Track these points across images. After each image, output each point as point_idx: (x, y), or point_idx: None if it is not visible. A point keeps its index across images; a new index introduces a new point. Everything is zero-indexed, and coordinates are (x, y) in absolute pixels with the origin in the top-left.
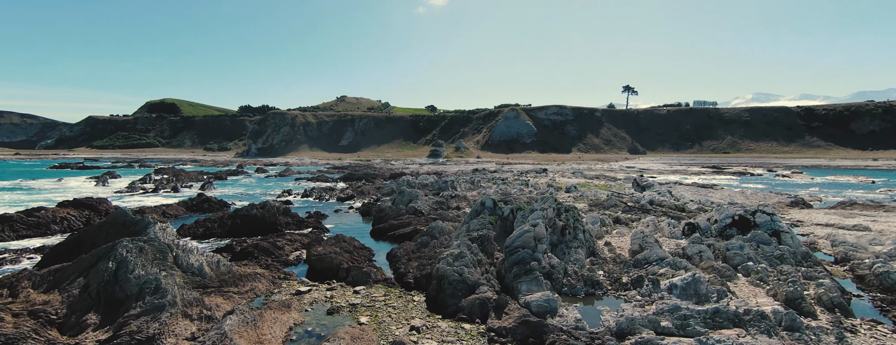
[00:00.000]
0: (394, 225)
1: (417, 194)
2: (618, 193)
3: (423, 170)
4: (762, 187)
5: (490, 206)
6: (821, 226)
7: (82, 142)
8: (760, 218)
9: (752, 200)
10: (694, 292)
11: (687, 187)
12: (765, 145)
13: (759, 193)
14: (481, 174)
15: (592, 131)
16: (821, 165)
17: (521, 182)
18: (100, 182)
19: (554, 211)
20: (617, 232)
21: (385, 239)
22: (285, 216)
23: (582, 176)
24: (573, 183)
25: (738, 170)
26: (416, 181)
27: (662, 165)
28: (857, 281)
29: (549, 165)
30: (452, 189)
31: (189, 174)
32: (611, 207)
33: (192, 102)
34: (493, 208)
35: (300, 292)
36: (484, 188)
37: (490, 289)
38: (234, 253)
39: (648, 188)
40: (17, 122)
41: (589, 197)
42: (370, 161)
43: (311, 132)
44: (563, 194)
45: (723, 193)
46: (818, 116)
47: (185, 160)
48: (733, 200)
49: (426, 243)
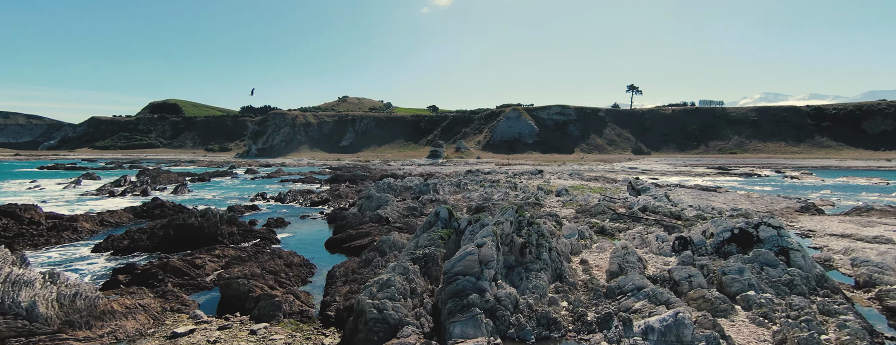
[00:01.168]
0: (351, 235)
1: (387, 199)
2: (610, 198)
3: (417, 171)
4: (769, 190)
5: (445, 217)
6: (836, 237)
7: (85, 142)
8: (765, 232)
9: (758, 204)
10: (676, 339)
11: (688, 190)
12: (773, 146)
13: (766, 197)
14: (473, 176)
15: (596, 132)
16: (831, 165)
17: (509, 185)
18: (72, 185)
19: (513, 225)
20: (598, 247)
21: (341, 251)
22: (230, 226)
23: (579, 178)
24: (567, 185)
25: (745, 171)
26: (398, 184)
27: (666, 165)
28: (886, 313)
29: (549, 166)
30: (434, 193)
31: (169, 176)
32: (599, 215)
33: (195, 103)
34: (448, 220)
35: (177, 334)
36: (469, 192)
37: (416, 331)
38: (134, 275)
39: (644, 192)
40: (22, 123)
41: (578, 202)
42: (369, 162)
43: (312, 133)
44: (552, 198)
45: (726, 197)
46: (828, 116)
47: (184, 161)
48: (736, 206)
49: (369, 261)
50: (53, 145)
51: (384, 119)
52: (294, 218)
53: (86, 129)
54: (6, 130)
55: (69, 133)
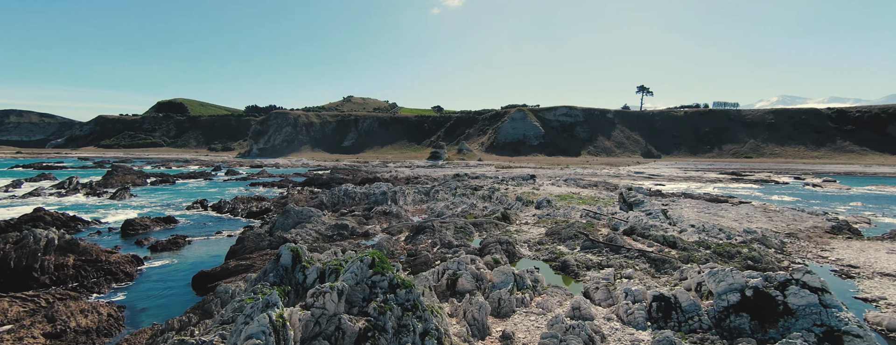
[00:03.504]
0: (228, 269)
1: (310, 215)
2: (596, 213)
3: (407, 173)
4: (789, 200)
5: (287, 262)
6: (890, 279)
7: (91, 141)
8: (797, 296)
9: (778, 222)
10: None
11: (694, 202)
12: (791, 150)
13: (786, 211)
14: (459, 180)
15: (604, 134)
16: (855, 172)
17: (482, 195)
18: (11, 186)
19: (364, 286)
20: (540, 304)
21: (208, 292)
22: (65, 256)
23: (575, 184)
24: (554, 194)
25: (761, 177)
26: (359, 191)
27: (676, 170)
28: None
29: (549, 170)
30: (390, 204)
31: (126, 178)
32: (568, 240)
33: (202, 102)
34: (291, 268)
35: None
36: (437, 202)
37: None
38: None
39: (636, 206)
40: (35, 121)
41: (557, 217)
42: (367, 163)
43: (314, 133)
44: (528, 212)
45: (738, 212)
46: (851, 119)
47: (182, 160)
48: (749, 225)
49: (186, 324)
50: (61, 144)
51: (387, 119)
52: (203, 237)
53: (93, 127)
54: (19, 128)
55: (77, 132)
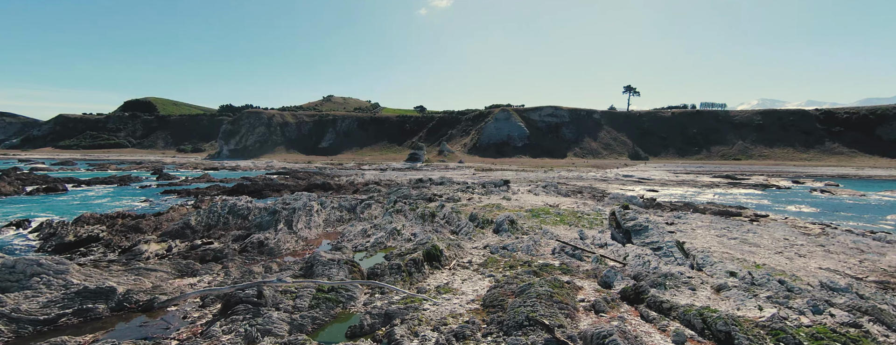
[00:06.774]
0: None
1: (38, 272)
2: (573, 248)
3: (367, 177)
4: (809, 212)
5: None
6: None
7: (50, 141)
8: None
9: (839, 255)
10: None
11: (706, 219)
12: (780, 151)
13: (834, 233)
14: (417, 188)
15: (590, 135)
16: (848, 174)
17: (421, 214)
18: None
19: None
20: None
21: None
22: None
23: (555, 191)
24: (525, 208)
25: (759, 181)
26: (256, 205)
27: (666, 172)
28: None
29: (532, 173)
30: (281, 228)
31: (33, 180)
32: (515, 331)
33: (175, 102)
34: None
35: None
36: (357, 222)
37: None
38: None
39: (638, 234)
40: None
41: (517, 253)
42: (342, 165)
43: (289, 133)
44: (483, 238)
45: (773, 236)
46: (839, 120)
47: (147, 163)
48: (815, 269)
49: None
50: (16, 144)
51: (367, 120)
52: None
53: (52, 127)
54: None
55: (35, 132)
